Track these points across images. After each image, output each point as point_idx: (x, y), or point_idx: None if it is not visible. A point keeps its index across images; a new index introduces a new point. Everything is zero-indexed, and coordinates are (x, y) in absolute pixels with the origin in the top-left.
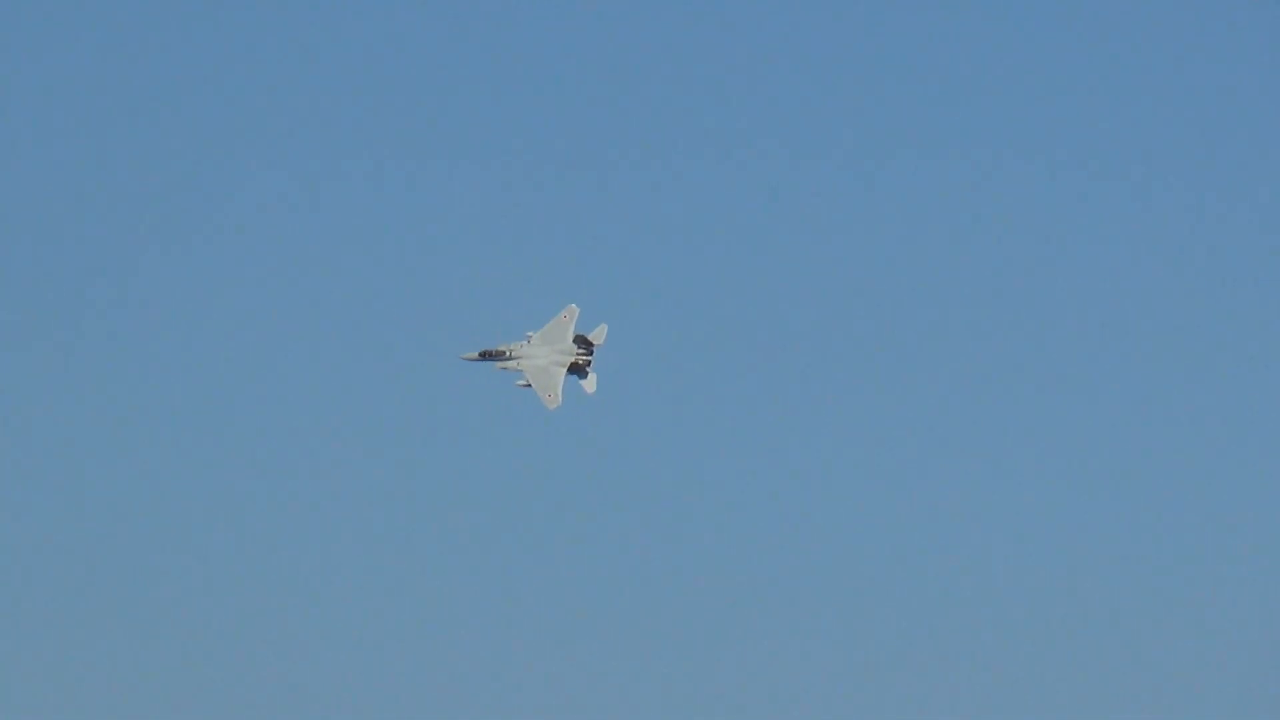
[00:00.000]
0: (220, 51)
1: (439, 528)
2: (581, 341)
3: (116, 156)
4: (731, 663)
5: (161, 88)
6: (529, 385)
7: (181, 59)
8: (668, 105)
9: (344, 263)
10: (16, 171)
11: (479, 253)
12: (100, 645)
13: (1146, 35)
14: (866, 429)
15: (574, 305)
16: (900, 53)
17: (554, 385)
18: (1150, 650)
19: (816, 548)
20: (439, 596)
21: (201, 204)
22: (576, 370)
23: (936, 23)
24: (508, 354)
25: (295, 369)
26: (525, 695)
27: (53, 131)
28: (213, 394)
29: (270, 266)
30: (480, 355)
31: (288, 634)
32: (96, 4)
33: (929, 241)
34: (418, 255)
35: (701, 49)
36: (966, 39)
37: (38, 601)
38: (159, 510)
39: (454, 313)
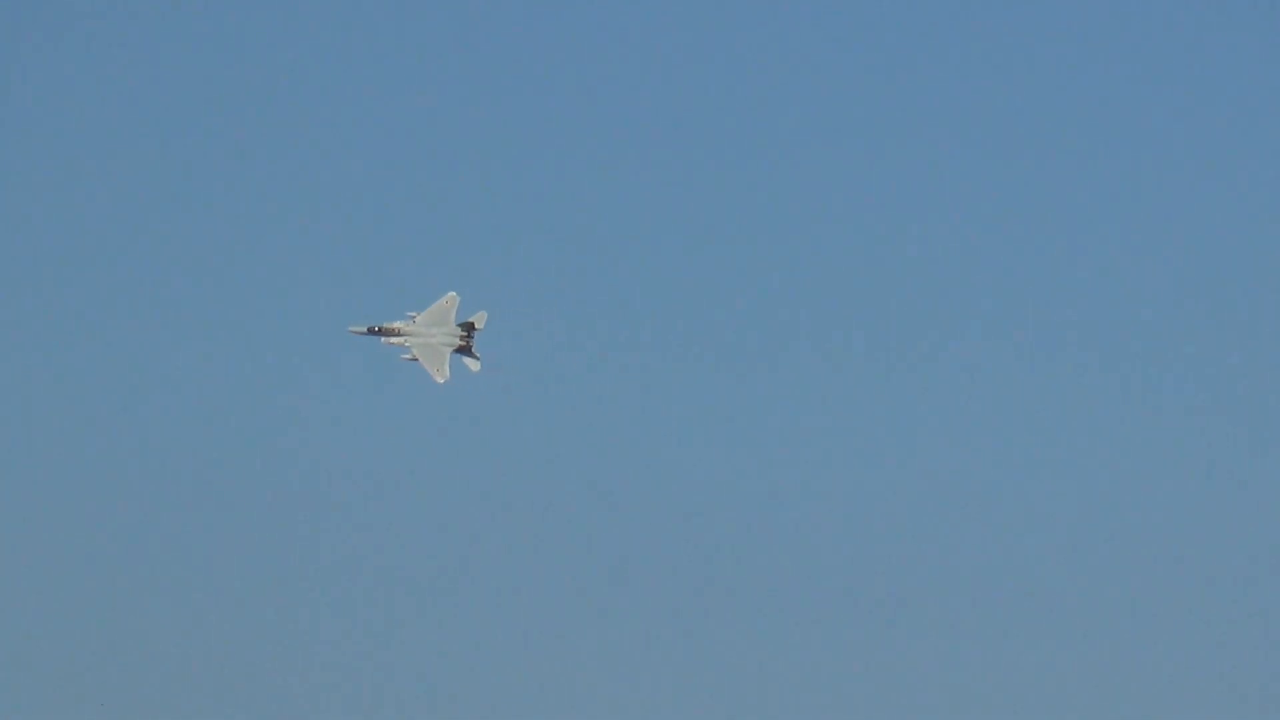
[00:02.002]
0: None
1: (333, 492)
2: (465, 326)
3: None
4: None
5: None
6: (415, 360)
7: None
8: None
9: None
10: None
11: (351, 238)
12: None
13: (1146, 35)
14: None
15: (454, 293)
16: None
17: (442, 362)
18: (1149, 649)
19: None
20: (340, 555)
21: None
22: (461, 351)
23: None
24: (397, 331)
25: (201, 336)
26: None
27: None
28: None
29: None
30: (369, 330)
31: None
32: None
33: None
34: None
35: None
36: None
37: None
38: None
39: (331, 291)
